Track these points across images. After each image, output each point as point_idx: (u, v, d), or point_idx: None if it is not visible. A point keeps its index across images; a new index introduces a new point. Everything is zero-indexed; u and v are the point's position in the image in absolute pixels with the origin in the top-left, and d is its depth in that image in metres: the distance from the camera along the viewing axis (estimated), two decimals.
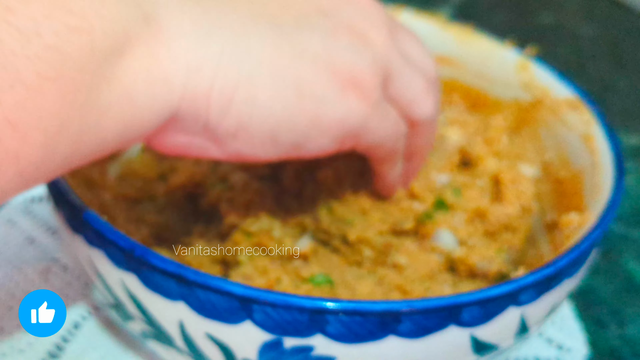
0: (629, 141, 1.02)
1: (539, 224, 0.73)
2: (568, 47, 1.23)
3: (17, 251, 0.80)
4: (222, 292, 0.48)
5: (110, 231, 0.52)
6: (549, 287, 0.52)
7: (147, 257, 0.50)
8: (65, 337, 0.72)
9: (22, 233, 0.82)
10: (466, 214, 0.69)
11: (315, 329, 0.49)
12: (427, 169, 0.70)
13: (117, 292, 0.55)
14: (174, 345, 0.55)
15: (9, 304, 0.74)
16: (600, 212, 0.58)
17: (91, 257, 0.55)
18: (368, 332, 0.48)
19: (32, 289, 0.75)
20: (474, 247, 0.67)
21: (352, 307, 0.48)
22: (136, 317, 0.56)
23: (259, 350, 0.51)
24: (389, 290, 0.67)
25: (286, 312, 0.48)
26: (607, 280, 0.81)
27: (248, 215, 0.65)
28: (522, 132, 0.76)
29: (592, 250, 0.56)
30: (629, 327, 0.76)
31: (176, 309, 0.51)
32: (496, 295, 0.49)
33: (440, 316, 0.49)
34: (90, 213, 0.53)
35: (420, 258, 0.68)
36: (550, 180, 0.72)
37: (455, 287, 0.68)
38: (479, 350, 0.53)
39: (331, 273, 0.67)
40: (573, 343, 0.74)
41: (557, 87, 0.71)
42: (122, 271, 0.52)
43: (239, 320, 0.49)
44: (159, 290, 0.51)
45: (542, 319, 0.56)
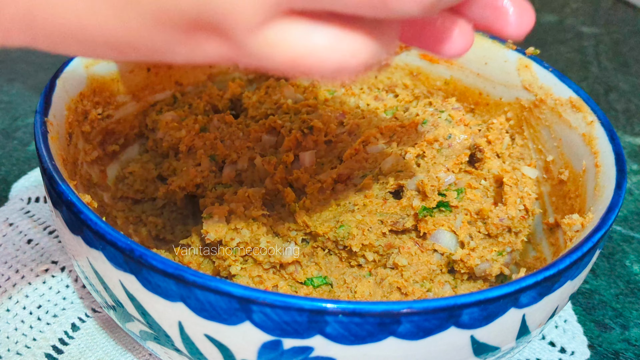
0: (633, 142, 1.02)
1: (540, 225, 0.73)
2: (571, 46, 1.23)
3: (15, 252, 0.80)
4: (221, 292, 0.48)
5: (109, 232, 0.52)
6: (550, 289, 0.52)
7: (147, 258, 0.50)
8: (64, 340, 0.72)
9: (21, 234, 0.82)
10: (468, 215, 0.69)
11: (314, 330, 0.49)
12: (435, 168, 0.70)
13: (116, 293, 0.55)
14: (174, 346, 0.55)
15: (7, 306, 0.74)
16: (602, 213, 0.58)
17: (90, 258, 0.55)
18: (367, 334, 0.48)
19: (30, 291, 0.76)
20: (475, 249, 0.68)
21: (351, 308, 0.47)
22: (135, 318, 0.56)
23: (258, 351, 0.51)
24: (389, 291, 0.67)
25: (285, 313, 0.48)
26: (610, 283, 0.81)
27: (231, 228, 0.65)
28: (524, 132, 0.76)
29: (594, 252, 0.55)
30: (632, 330, 0.76)
31: (175, 310, 0.51)
32: (497, 297, 0.49)
33: (440, 317, 0.48)
34: (89, 214, 0.53)
35: (420, 259, 0.69)
36: (552, 181, 0.72)
37: (455, 289, 0.69)
38: (479, 352, 0.53)
39: (330, 274, 0.68)
40: (576, 346, 0.74)
41: (559, 88, 0.71)
42: (121, 272, 0.52)
43: (238, 321, 0.49)
44: (158, 291, 0.51)
45: (544, 321, 0.56)
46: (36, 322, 0.73)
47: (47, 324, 0.73)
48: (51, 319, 0.74)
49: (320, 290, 0.66)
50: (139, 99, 0.81)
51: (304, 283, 0.66)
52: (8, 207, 0.86)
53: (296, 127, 0.76)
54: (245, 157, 0.74)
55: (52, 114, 0.63)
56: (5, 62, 1.10)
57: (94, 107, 0.74)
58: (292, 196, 0.69)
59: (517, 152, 0.75)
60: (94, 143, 0.75)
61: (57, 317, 0.74)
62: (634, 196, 0.93)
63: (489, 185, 0.71)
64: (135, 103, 0.81)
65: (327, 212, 0.69)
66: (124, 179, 0.80)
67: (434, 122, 0.75)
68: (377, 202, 0.69)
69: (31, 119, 1.00)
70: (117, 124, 0.79)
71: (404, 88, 0.85)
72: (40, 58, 1.11)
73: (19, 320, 0.73)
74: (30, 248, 0.81)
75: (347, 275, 0.68)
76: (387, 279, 0.68)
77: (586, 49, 1.23)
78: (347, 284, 0.67)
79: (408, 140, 0.74)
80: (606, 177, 0.62)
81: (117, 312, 0.59)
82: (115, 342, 0.72)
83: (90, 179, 0.75)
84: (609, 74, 1.16)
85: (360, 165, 0.72)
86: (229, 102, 0.84)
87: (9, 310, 0.74)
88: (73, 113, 0.69)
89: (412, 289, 0.67)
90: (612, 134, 0.65)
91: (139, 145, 0.84)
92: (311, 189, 0.70)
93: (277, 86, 0.83)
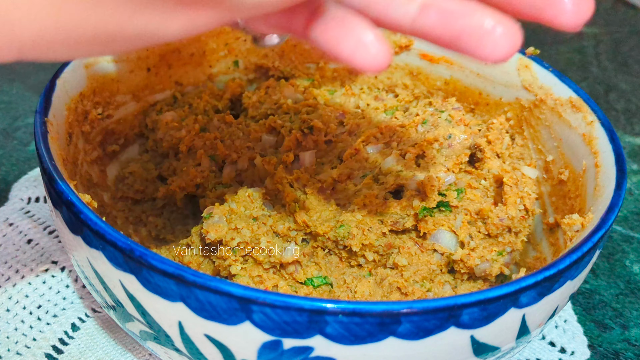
0: (633, 141, 1.02)
1: (540, 225, 0.73)
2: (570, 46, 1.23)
3: (15, 252, 0.80)
4: (221, 292, 0.48)
5: (109, 232, 0.52)
6: (550, 289, 0.52)
7: (147, 257, 0.50)
8: (64, 340, 0.72)
9: (21, 234, 0.82)
10: (468, 215, 0.69)
11: (314, 330, 0.49)
12: (435, 168, 0.70)
13: (116, 293, 0.55)
14: (173, 346, 0.56)
15: (7, 306, 0.74)
16: (602, 213, 0.58)
17: (90, 258, 0.55)
18: (367, 333, 0.48)
19: (30, 291, 0.76)
20: (475, 249, 0.68)
21: (351, 308, 0.47)
22: (135, 318, 0.56)
23: (258, 350, 0.51)
24: (389, 291, 0.68)
25: (285, 313, 0.48)
26: (610, 283, 0.81)
27: (231, 227, 0.66)
28: (524, 132, 0.76)
29: (594, 252, 0.55)
30: (632, 330, 0.76)
31: (175, 310, 0.51)
32: (497, 297, 0.49)
33: (440, 317, 0.48)
34: (89, 214, 0.53)
35: (420, 259, 0.69)
36: (552, 181, 0.72)
37: (455, 289, 0.69)
38: (479, 352, 0.53)
39: (330, 274, 0.68)
40: (576, 346, 0.75)
41: (559, 87, 0.71)
42: (121, 272, 0.53)
43: (238, 321, 0.49)
44: (158, 291, 0.51)
45: (544, 321, 0.56)
46: (36, 322, 0.73)
47: (47, 324, 0.73)
48: (51, 318, 0.74)
49: (320, 290, 0.66)
50: (139, 98, 0.81)
51: (304, 283, 0.66)
52: (8, 207, 0.86)
53: (296, 127, 0.76)
54: (245, 157, 0.74)
55: (52, 114, 0.64)
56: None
57: (94, 107, 0.74)
58: (292, 196, 0.69)
59: (517, 152, 0.76)
60: (94, 143, 0.76)
61: (57, 317, 0.74)
62: (634, 196, 0.93)
63: (489, 185, 0.71)
64: (135, 103, 0.81)
65: (327, 212, 0.69)
66: (124, 179, 0.80)
67: (434, 122, 0.75)
68: (377, 202, 0.69)
69: (31, 119, 1.00)
70: (117, 124, 0.79)
71: (404, 88, 0.85)
72: None
73: (19, 320, 0.73)
74: (30, 248, 0.81)
75: (347, 275, 0.69)
76: (387, 278, 0.68)
77: (586, 49, 1.23)
78: (347, 284, 0.67)
79: (408, 140, 0.74)
80: (606, 177, 0.62)
81: (117, 312, 0.59)
82: (115, 342, 0.72)
83: (90, 178, 0.75)
84: (608, 74, 1.16)
85: (360, 165, 0.72)
86: (229, 102, 0.84)
87: (9, 310, 0.74)
88: (73, 113, 0.69)
89: (412, 289, 0.67)
90: (612, 134, 0.65)
91: (139, 145, 0.84)
92: (311, 188, 0.70)
93: (277, 86, 0.83)
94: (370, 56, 0.41)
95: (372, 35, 0.41)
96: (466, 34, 0.40)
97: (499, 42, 0.40)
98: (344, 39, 0.42)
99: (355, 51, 0.41)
